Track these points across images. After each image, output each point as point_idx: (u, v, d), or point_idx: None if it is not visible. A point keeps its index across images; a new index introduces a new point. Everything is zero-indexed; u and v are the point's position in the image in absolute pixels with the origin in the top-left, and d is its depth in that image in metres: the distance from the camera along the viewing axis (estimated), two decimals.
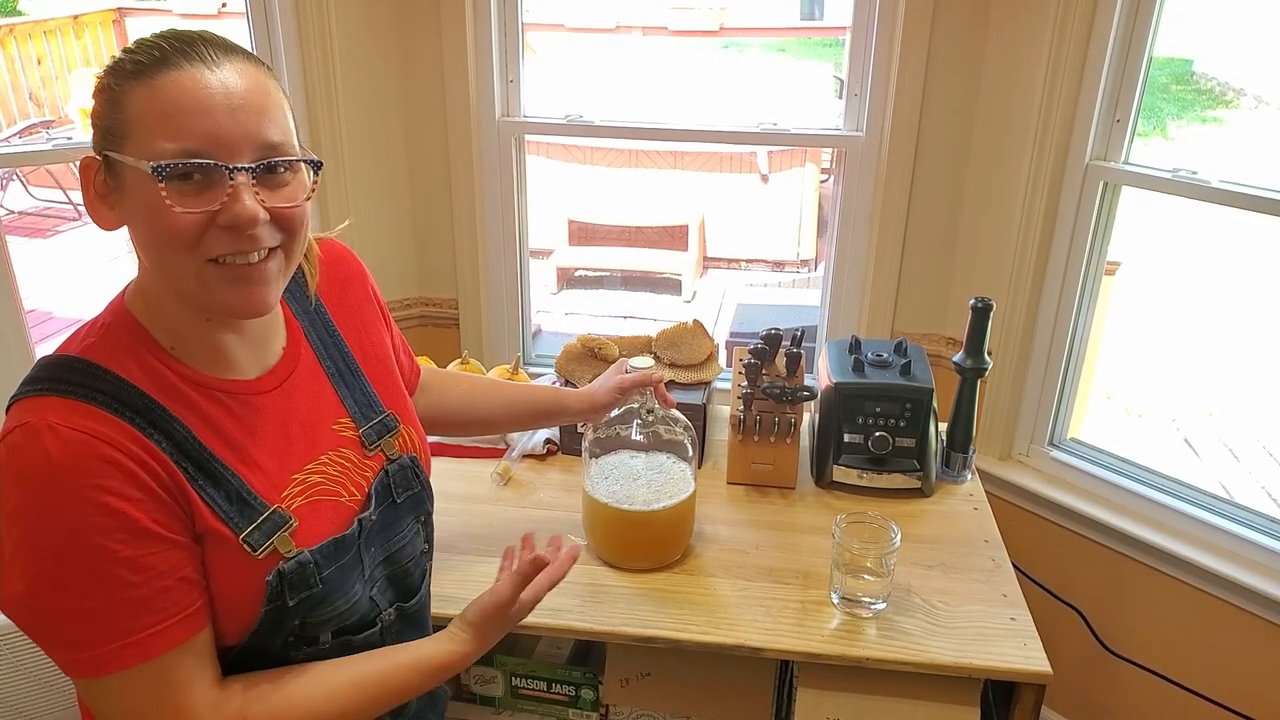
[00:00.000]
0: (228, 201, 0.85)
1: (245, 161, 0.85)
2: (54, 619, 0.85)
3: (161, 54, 0.85)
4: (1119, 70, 1.85)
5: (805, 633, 1.33)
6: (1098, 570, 2.05)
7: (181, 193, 0.84)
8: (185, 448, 0.89)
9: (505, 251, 2.36)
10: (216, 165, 0.84)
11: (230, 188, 0.85)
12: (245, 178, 0.85)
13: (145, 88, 0.84)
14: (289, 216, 0.90)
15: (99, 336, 0.91)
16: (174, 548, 0.87)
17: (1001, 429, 2.15)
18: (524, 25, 2.22)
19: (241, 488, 0.92)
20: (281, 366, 1.01)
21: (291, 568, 0.93)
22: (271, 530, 0.93)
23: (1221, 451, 4.16)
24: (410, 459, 1.11)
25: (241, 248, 0.87)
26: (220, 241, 0.86)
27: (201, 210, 0.84)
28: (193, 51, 0.85)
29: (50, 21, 6.94)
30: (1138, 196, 1.91)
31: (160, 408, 0.89)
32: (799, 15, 10.92)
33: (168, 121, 0.83)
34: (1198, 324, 5.57)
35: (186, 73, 0.84)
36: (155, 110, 0.84)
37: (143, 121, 0.84)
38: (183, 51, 0.85)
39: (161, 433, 0.88)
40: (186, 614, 0.88)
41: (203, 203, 0.85)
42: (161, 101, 0.84)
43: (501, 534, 1.54)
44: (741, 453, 1.66)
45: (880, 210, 2.14)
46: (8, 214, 5.90)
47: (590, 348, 1.80)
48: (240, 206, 0.85)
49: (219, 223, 0.85)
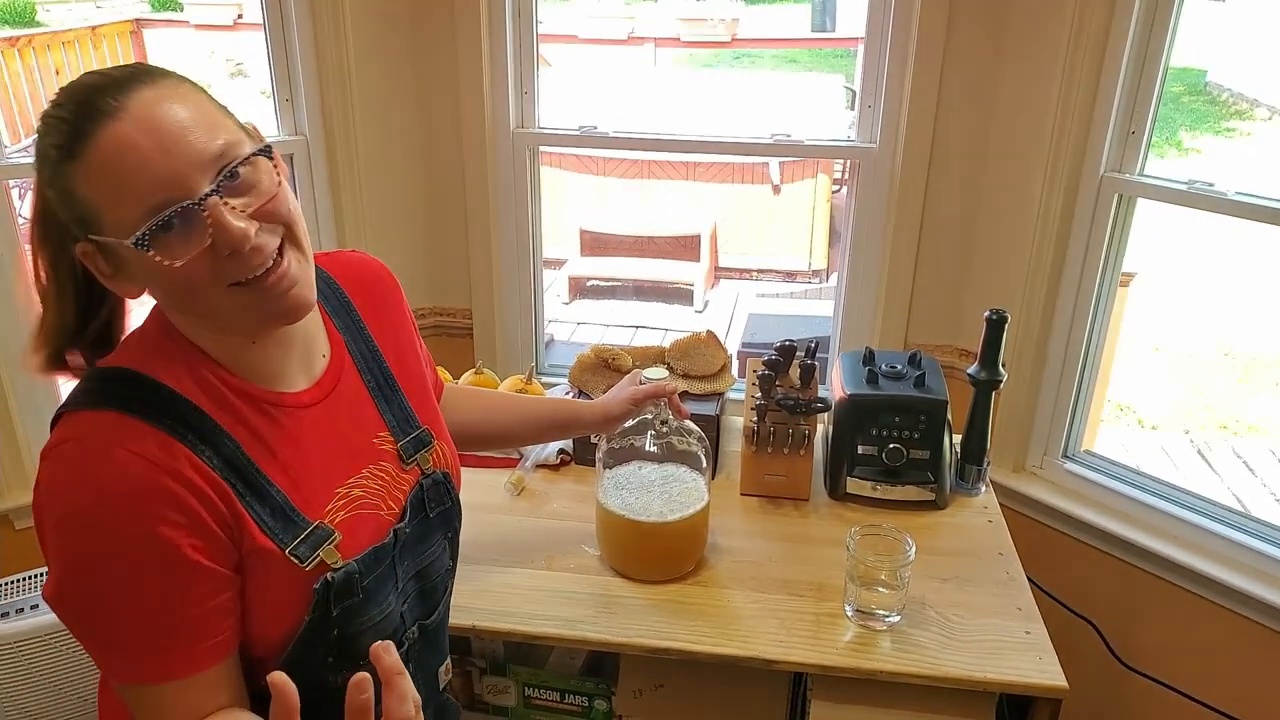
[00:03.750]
0: (214, 232, 0.83)
1: (206, 185, 0.83)
2: (88, 622, 0.87)
3: (71, 127, 0.81)
4: (1134, 82, 1.84)
5: (819, 645, 1.33)
6: (1112, 583, 2.03)
7: (169, 246, 0.83)
8: (234, 463, 0.89)
9: (519, 262, 2.37)
10: (185, 207, 0.82)
11: (208, 217, 0.83)
12: (215, 200, 0.83)
13: (79, 171, 0.82)
14: (273, 211, 0.88)
15: (149, 348, 0.92)
16: (210, 577, 0.87)
17: (1015, 441, 2.15)
18: (538, 37, 2.23)
19: (286, 504, 0.92)
20: (328, 378, 1.02)
21: (339, 578, 0.94)
22: (316, 544, 0.93)
23: (1236, 464, 4.13)
24: (443, 474, 1.12)
25: (251, 264, 0.86)
26: (235, 268, 0.85)
27: (197, 252, 0.83)
28: (96, 110, 0.81)
29: (68, 33, 6.99)
30: (1153, 208, 1.91)
31: (211, 421, 0.89)
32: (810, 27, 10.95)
33: (117, 192, 0.81)
34: (1212, 336, 5.55)
35: (106, 135, 0.81)
36: (98, 187, 0.82)
37: (96, 202, 0.82)
38: (89, 116, 0.81)
39: (212, 448, 0.88)
40: (209, 644, 0.88)
41: (193, 245, 0.83)
42: (100, 176, 0.81)
43: (515, 544, 1.54)
44: (755, 464, 1.66)
45: (894, 221, 2.14)
46: (26, 222, 5.94)
47: (604, 358, 1.81)
48: (228, 232, 0.83)
49: (220, 255, 0.84)
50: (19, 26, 8.67)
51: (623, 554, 1.47)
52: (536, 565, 1.49)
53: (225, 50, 7.59)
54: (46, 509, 0.85)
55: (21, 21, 8.94)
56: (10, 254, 1.95)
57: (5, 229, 1.94)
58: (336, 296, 1.09)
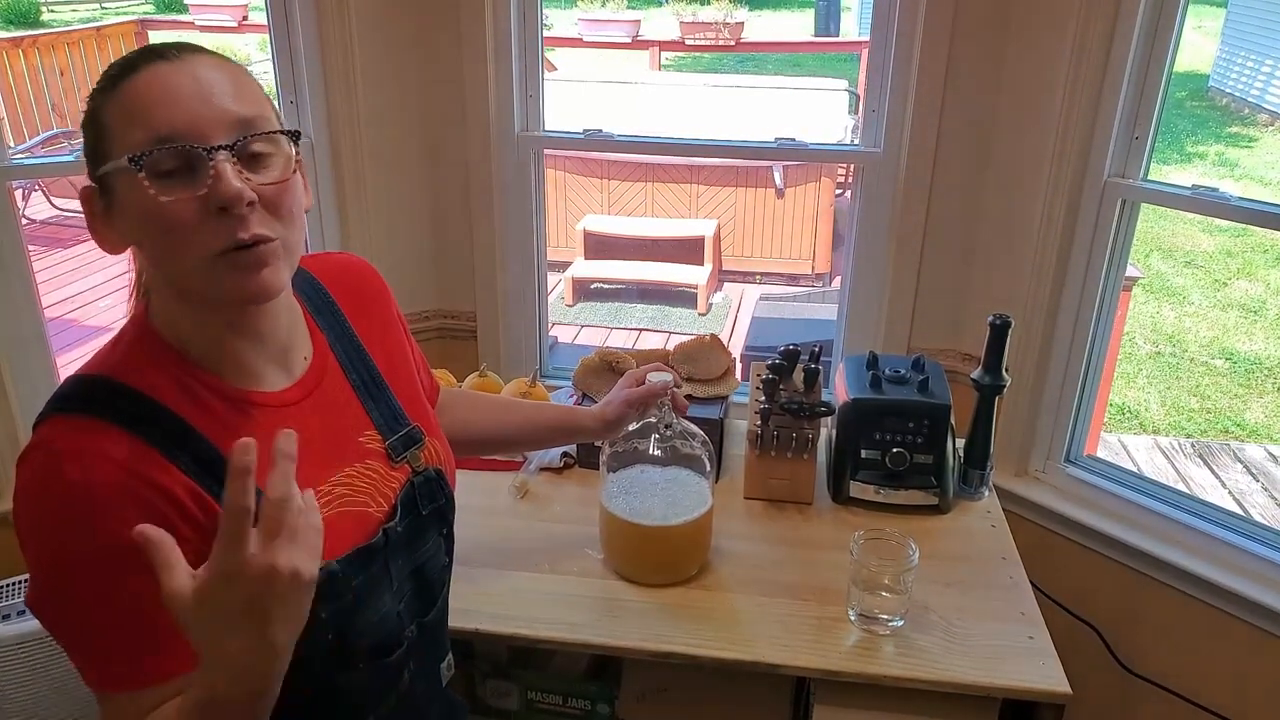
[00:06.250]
0: (213, 183, 0.83)
1: (222, 141, 0.85)
2: (64, 629, 0.87)
3: (127, 62, 0.87)
4: (1138, 86, 1.84)
5: (822, 649, 1.33)
6: (1114, 588, 2.03)
7: (165, 183, 0.84)
8: (211, 465, 0.89)
9: (523, 265, 2.37)
10: (193, 147, 0.83)
11: (212, 168, 0.83)
12: (225, 155, 0.84)
13: (114, 97, 0.86)
14: (278, 196, 0.88)
15: (124, 353, 0.92)
16: None
17: (1018, 445, 2.14)
18: (543, 41, 2.23)
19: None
20: (309, 377, 1.02)
21: (321, 578, 0.93)
22: None
23: (1238, 469, 4.13)
24: (436, 471, 1.11)
25: (237, 233, 0.85)
26: (218, 232, 0.85)
27: (189, 196, 0.84)
28: (155, 54, 0.87)
29: (73, 33, 7.02)
30: (1156, 213, 1.91)
31: (186, 425, 0.89)
32: (814, 31, 10.98)
33: (137, 116, 0.84)
34: (1214, 340, 5.55)
35: (151, 71, 0.86)
36: (125, 112, 0.85)
37: (116, 127, 0.85)
38: (146, 56, 0.87)
39: (187, 452, 0.88)
40: (183, 650, 0.85)
41: (187, 189, 0.84)
42: (130, 101, 0.85)
43: (518, 547, 1.54)
44: (759, 468, 1.66)
45: (897, 226, 2.14)
46: (30, 223, 5.96)
47: (608, 361, 1.81)
48: (225, 185, 0.83)
49: (209, 207, 0.84)
50: (23, 27, 8.69)
51: (626, 557, 1.47)
52: (540, 569, 1.49)
53: (230, 51, 7.61)
54: (21, 515, 0.85)
55: (25, 22, 8.97)
56: (13, 255, 1.95)
57: (8, 230, 1.94)
58: (320, 296, 1.08)
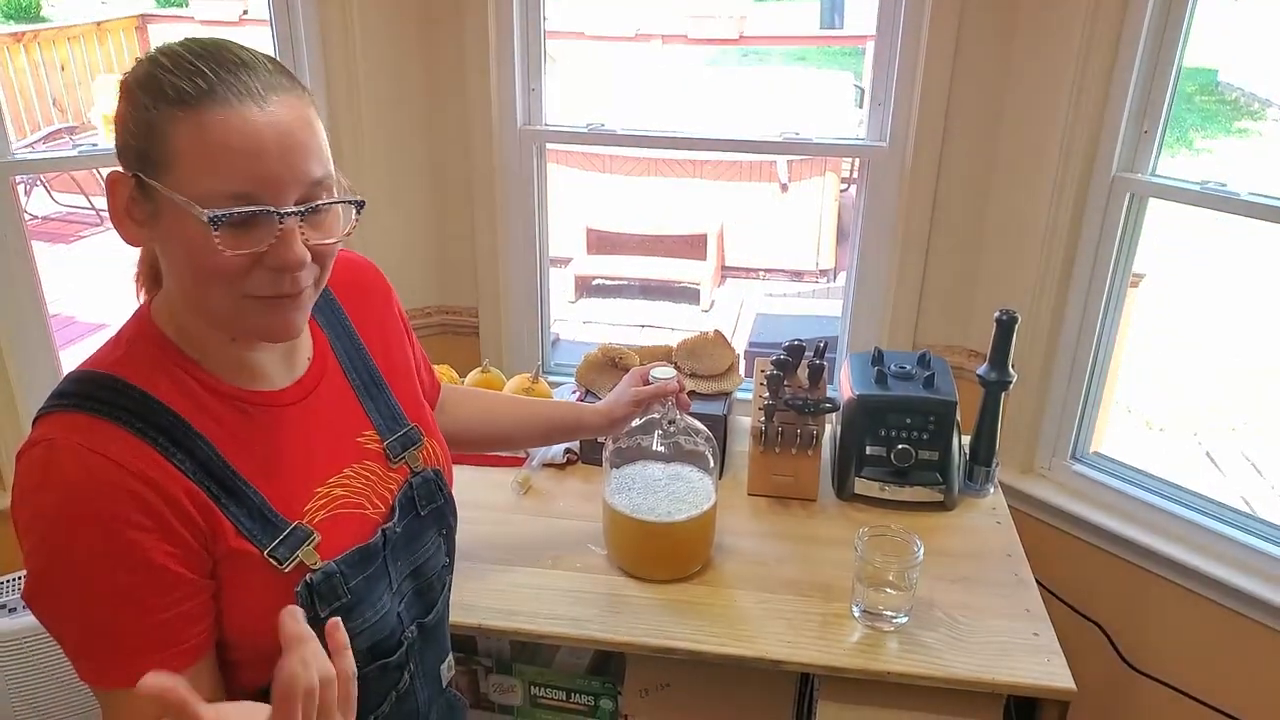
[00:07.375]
0: (275, 245, 0.84)
1: (293, 202, 0.85)
2: (59, 623, 0.86)
3: (208, 85, 0.81)
4: (1147, 80, 1.83)
5: (826, 646, 1.32)
6: (1120, 585, 2.02)
7: (234, 235, 0.83)
8: (209, 466, 0.89)
9: (525, 260, 2.36)
10: (268, 211, 0.83)
11: (279, 231, 0.84)
12: (294, 221, 0.85)
13: (191, 123, 0.81)
14: (327, 254, 0.90)
15: (126, 350, 0.91)
16: (179, 582, 0.86)
17: (1023, 442, 2.14)
18: (545, 34, 2.22)
19: (263, 505, 0.92)
20: (309, 377, 1.02)
21: (319, 579, 0.93)
22: (295, 545, 0.93)
23: (1244, 466, 4.12)
24: (434, 472, 1.11)
25: (283, 289, 0.87)
26: (263, 283, 0.86)
27: (249, 252, 0.84)
28: (240, 86, 0.82)
29: (74, 28, 7.01)
30: (1164, 208, 1.90)
31: (185, 424, 0.89)
32: (819, 24, 10.94)
33: (218, 164, 0.81)
34: (1221, 337, 5.53)
35: (236, 112, 0.81)
36: (204, 150, 0.81)
37: (189, 158, 0.82)
38: (229, 85, 0.82)
39: (185, 452, 0.88)
40: (178, 649, 0.87)
41: (250, 243, 0.84)
42: (210, 142, 0.81)
43: (522, 543, 1.53)
44: (763, 464, 1.65)
45: (903, 221, 2.13)
46: (32, 219, 5.96)
47: (611, 357, 1.80)
48: (289, 251, 0.85)
49: (265, 264, 0.85)
50: (24, 22, 8.69)
51: (629, 553, 1.46)
52: (543, 564, 1.48)
53: None
54: (19, 510, 0.85)
55: (26, 17, 8.97)
56: (17, 250, 1.95)
57: (12, 225, 1.93)
58: (321, 295, 1.08)
